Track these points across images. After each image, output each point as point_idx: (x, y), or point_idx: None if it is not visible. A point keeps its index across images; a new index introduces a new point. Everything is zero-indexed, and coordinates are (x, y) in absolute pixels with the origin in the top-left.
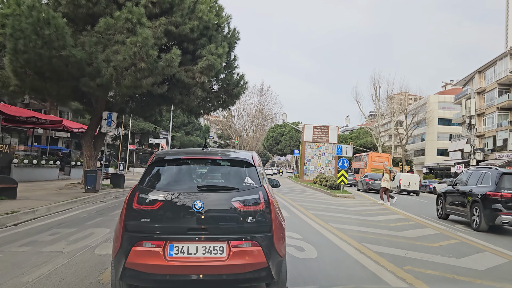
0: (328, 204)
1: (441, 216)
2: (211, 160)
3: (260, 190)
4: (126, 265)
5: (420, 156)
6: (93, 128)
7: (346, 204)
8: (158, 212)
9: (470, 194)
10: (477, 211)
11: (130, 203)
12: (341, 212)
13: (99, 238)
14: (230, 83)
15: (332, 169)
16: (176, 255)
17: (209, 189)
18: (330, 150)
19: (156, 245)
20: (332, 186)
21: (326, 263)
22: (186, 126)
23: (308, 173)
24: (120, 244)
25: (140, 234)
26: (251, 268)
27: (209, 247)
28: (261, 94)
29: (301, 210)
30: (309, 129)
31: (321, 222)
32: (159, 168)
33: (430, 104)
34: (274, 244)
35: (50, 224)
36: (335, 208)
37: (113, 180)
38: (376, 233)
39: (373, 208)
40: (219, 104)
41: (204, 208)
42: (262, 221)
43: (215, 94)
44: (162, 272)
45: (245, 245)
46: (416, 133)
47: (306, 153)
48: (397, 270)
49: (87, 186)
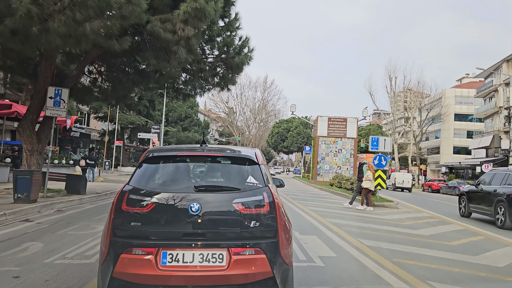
0: (371, 220)
1: (463, 215)
2: (210, 157)
3: (265, 190)
4: (114, 274)
5: (435, 154)
6: (35, 110)
7: (397, 221)
8: (150, 215)
9: (495, 194)
10: (502, 210)
11: (119, 205)
12: (407, 239)
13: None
14: (229, 50)
15: (351, 169)
16: (169, 263)
17: (207, 190)
18: (348, 146)
19: (148, 253)
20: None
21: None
22: (183, 121)
23: (322, 173)
24: (107, 251)
25: (130, 240)
26: (254, 279)
27: (207, 254)
28: (264, 89)
29: (341, 234)
30: (323, 122)
31: (390, 265)
32: (152, 166)
33: (446, 98)
34: (280, 251)
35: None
36: (389, 229)
37: (69, 184)
38: None
39: (449, 230)
40: (217, 83)
41: (202, 210)
42: (267, 225)
43: (209, 66)
44: (154, 283)
45: (248, 252)
46: (430, 130)
47: (319, 149)
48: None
49: (17, 194)
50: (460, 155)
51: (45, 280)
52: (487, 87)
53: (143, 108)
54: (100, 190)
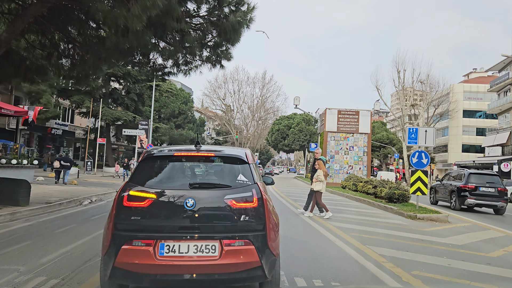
0: (429, 244)
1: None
2: (204, 157)
3: (254, 187)
4: (116, 264)
5: (442, 153)
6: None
7: (469, 247)
8: (148, 210)
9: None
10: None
11: (120, 201)
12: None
13: None
14: (222, 5)
15: (364, 169)
16: (167, 254)
17: (201, 187)
18: (361, 143)
19: (146, 244)
20: (391, 196)
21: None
22: (177, 118)
23: (331, 173)
24: (110, 243)
25: (130, 232)
26: (244, 267)
27: (201, 246)
28: (263, 85)
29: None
30: (332, 115)
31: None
32: (151, 165)
33: (455, 94)
34: (268, 243)
35: None
36: (465, 264)
37: (3, 191)
38: None
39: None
40: (207, 57)
41: (196, 206)
42: (255, 219)
43: (195, 30)
44: (152, 272)
45: (238, 244)
46: (437, 127)
47: (328, 146)
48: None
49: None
50: (469, 153)
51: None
52: (502, 80)
53: (130, 102)
54: (57, 197)
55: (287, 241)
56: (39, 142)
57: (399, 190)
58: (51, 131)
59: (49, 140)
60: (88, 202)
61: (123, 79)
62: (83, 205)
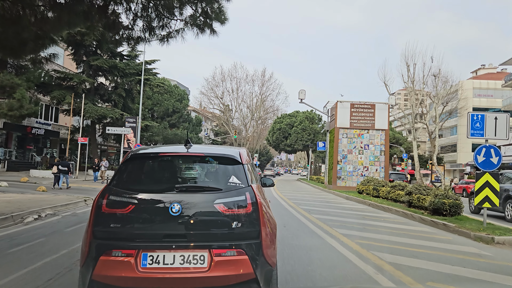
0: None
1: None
2: (193, 157)
3: (247, 190)
4: (93, 277)
5: (451, 152)
6: None
7: None
8: (130, 217)
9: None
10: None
11: (99, 207)
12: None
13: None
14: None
15: (381, 170)
16: (150, 265)
17: (188, 190)
18: (378, 141)
19: (127, 254)
20: (439, 207)
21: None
22: (171, 117)
23: (344, 176)
24: (87, 253)
25: (110, 241)
26: (236, 280)
27: (188, 256)
28: (262, 83)
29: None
30: (344, 109)
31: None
32: (134, 166)
33: (464, 91)
34: (263, 252)
35: None
36: None
37: None
38: None
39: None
40: (191, 16)
41: (183, 211)
42: (249, 226)
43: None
44: (134, 286)
45: (229, 253)
46: (445, 126)
47: (340, 145)
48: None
49: None
50: None
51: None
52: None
53: (118, 98)
54: (14, 208)
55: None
56: (19, 142)
57: (449, 199)
58: (31, 130)
59: (31, 140)
60: (33, 219)
61: (109, 73)
62: (24, 223)
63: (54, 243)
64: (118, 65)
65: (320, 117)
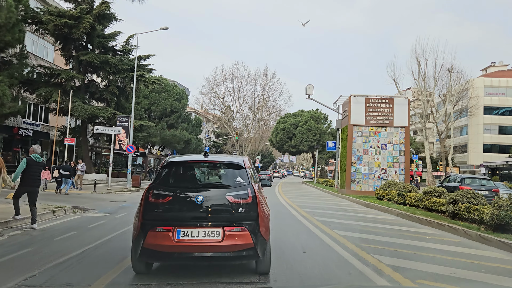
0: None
1: None
2: (211, 164)
3: (249, 187)
4: (144, 245)
5: (461, 153)
6: None
7: None
8: (168, 205)
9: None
10: None
11: (147, 198)
12: None
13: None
14: None
15: (401, 172)
16: (182, 237)
17: (207, 186)
18: (396, 139)
19: (167, 230)
20: (504, 223)
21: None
22: (169, 117)
23: (359, 179)
24: (139, 230)
25: (155, 221)
26: (241, 248)
27: (208, 231)
28: (264, 82)
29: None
30: (358, 104)
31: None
32: (169, 170)
33: (475, 89)
34: (260, 230)
35: None
36: None
37: None
38: None
39: None
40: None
41: (204, 201)
42: (250, 211)
43: None
44: (171, 251)
45: (236, 230)
46: (455, 126)
47: (354, 145)
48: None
49: None
50: (492, 154)
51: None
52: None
53: (111, 96)
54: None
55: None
56: (5, 144)
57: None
58: (17, 131)
59: (18, 142)
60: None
61: (101, 69)
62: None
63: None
64: (110, 60)
65: (326, 116)
